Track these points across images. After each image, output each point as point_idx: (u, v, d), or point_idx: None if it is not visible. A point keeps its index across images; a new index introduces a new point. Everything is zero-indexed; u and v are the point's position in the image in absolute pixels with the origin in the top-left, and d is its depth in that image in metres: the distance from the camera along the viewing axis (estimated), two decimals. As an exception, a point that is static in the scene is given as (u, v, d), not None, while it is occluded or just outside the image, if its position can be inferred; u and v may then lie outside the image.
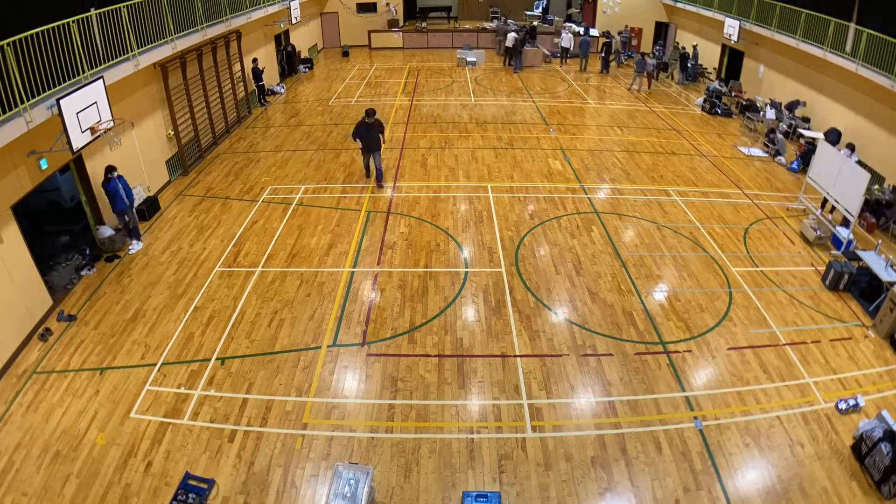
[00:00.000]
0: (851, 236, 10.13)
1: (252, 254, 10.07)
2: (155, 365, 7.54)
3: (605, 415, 6.90)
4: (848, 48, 13.64)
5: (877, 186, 11.43)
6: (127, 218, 10.03)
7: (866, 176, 9.87)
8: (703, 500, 5.87)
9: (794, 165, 13.95)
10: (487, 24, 28.38)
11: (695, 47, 22.22)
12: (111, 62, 9.41)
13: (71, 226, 10.39)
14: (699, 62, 22.41)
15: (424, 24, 27.96)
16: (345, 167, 13.70)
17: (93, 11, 8.88)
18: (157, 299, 8.86)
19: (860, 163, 11.07)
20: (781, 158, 14.48)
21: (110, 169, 9.76)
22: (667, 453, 6.38)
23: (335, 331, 8.22)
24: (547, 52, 25.02)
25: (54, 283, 8.92)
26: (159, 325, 8.29)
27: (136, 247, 10.17)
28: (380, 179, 12.57)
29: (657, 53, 22.83)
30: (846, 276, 9.16)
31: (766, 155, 14.89)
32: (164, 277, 9.40)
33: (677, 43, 23.03)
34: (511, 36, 23.48)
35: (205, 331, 8.19)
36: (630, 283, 9.38)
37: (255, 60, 17.84)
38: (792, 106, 16.14)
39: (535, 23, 26.52)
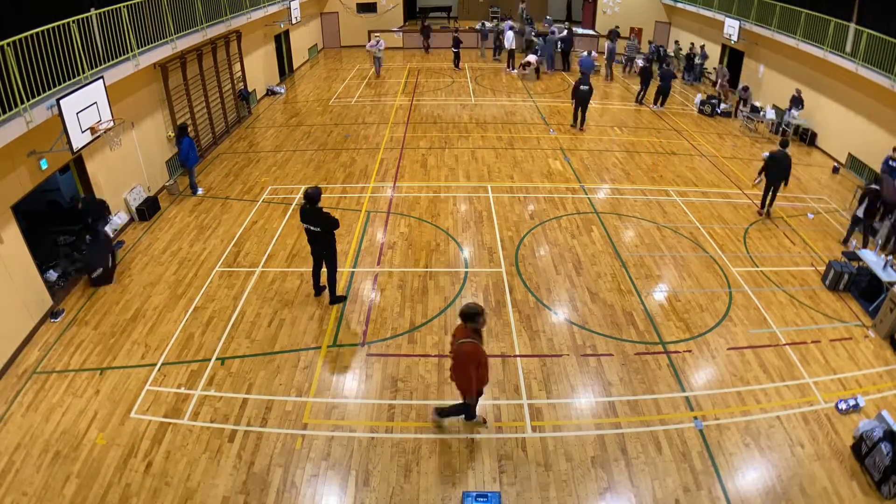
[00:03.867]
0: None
1: (252, 254, 10.07)
2: (155, 365, 7.54)
3: (605, 415, 6.90)
4: (848, 48, 13.64)
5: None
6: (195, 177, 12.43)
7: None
8: (703, 500, 5.87)
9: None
10: (479, 25, 28.21)
11: (702, 47, 22.15)
12: (111, 62, 9.41)
13: (71, 226, 10.38)
14: (702, 62, 22.39)
15: (425, 24, 27.93)
16: (345, 167, 13.70)
17: (93, 11, 8.88)
18: (157, 299, 8.86)
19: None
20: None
21: (184, 127, 11.95)
22: (667, 453, 6.38)
23: (335, 331, 8.22)
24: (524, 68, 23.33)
25: (53, 283, 8.91)
26: (159, 325, 8.29)
27: (199, 191, 12.46)
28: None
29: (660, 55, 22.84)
30: (846, 276, 9.16)
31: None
32: (164, 277, 9.40)
33: (653, 43, 23.07)
34: (509, 35, 23.39)
35: (205, 331, 8.19)
36: (630, 283, 9.37)
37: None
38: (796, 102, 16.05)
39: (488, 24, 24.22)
